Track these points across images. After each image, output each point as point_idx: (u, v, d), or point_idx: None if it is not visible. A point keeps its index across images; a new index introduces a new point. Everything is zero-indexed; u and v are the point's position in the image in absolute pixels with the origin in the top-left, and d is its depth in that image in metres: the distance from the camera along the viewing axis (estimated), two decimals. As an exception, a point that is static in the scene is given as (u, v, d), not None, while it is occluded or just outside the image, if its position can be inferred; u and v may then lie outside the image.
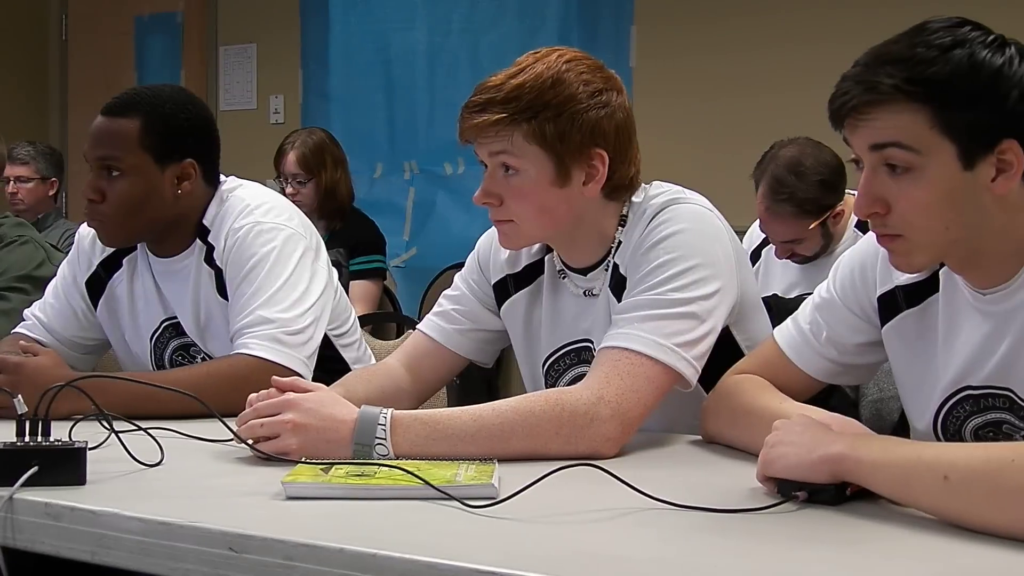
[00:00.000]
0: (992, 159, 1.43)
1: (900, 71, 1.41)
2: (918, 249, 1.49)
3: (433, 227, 5.85)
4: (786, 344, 1.78)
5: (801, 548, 1.22)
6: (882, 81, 1.42)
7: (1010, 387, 1.54)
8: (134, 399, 1.89)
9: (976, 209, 1.45)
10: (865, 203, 1.47)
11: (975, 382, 1.56)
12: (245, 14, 6.40)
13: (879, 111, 1.43)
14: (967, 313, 1.56)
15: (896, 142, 1.43)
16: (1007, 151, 1.42)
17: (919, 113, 1.41)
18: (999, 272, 1.51)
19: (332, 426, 1.60)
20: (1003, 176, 1.43)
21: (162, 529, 1.27)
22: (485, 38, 5.71)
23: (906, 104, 1.41)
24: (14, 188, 5.17)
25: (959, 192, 1.43)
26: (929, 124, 1.41)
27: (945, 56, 1.41)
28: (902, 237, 1.48)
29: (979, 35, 1.43)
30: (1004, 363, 1.53)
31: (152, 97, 2.25)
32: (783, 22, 4.97)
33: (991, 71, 1.41)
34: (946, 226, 1.45)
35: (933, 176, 1.43)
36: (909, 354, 1.65)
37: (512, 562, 1.10)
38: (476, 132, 1.82)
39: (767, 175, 3.24)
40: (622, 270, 1.86)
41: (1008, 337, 1.52)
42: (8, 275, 2.69)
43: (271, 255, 2.21)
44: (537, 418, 1.63)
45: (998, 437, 1.57)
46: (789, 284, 3.46)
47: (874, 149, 1.45)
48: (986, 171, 1.43)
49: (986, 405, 1.57)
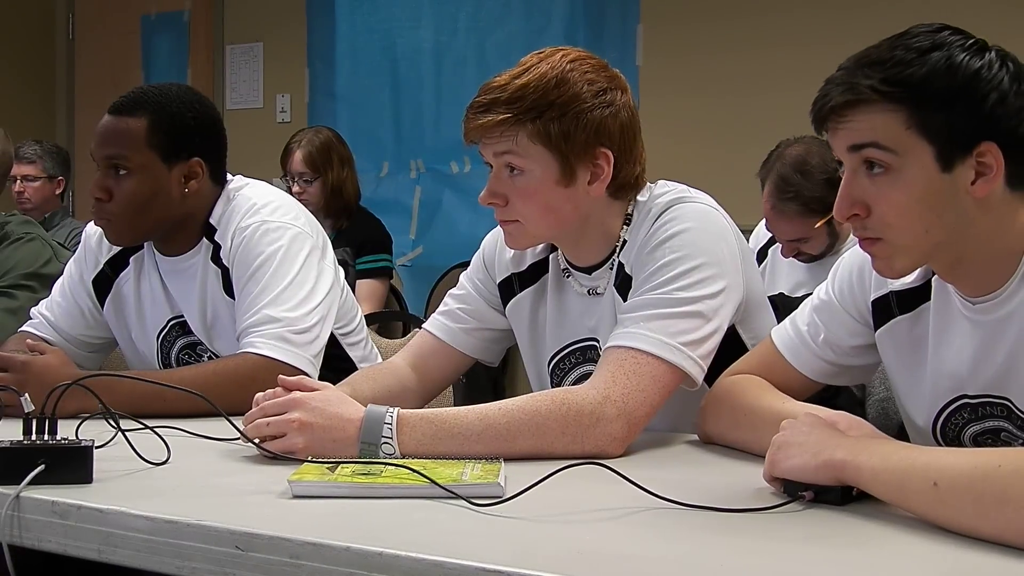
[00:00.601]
0: (971, 161, 1.43)
1: (878, 72, 1.43)
2: (898, 252, 1.49)
3: (439, 226, 5.85)
4: (783, 345, 1.78)
5: (807, 548, 1.22)
6: (860, 83, 1.44)
7: (1007, 396, 1.53)
8: (141, 398, 1.90)
9: (957, 212, 1.45)
10: (844, 205, 1.48)
11: (972, 391, 1.56)
12: (252, 13, 6.40)
13: (857, 112, 1.45)
14: (958, 322, 1.56)
15: (874, 142, 1.44)
16: (985, 153, 1.43)
17: (896, 114, 1.43)
18: (988, 280, 1.51)
19: (338, 425, 1.60)
20: (982, 179, 1.44)
21: (169, 527, 1.27)
22: (491, 37, 5.71)
23: (883, 105, 1.43)
24: (21, 187, 5.18)
25: (938, 194, 1.44)
26: (905, 125, 1.43)
27: (922, 59, 1.42)
28: (882, 240, 1.48)
29: (958, 39, 1.44)
30: (1000, 373, 1.52)
31: (159, 96, 2.25)
32: (789, 21, 4.97)
33: (968, 74, 1.42)
34: (926, 229, 1.45)
35: (910, 177, 1.44)
36: (902, 360, 1.65)
37: (518, 561, 1.10)
38: (481, 132, 1.82)
39: (773, 174, 3.24)
40: (627, 269, 1.86)
41: (1003, 347, 1.51)
42: (15, 273, 2.69)
43: (278, 254, 2.21)
44: (543, 417, 1.63)
45: (996, 444, 1.56)
46: (796, 283, 3.46)
47: (853, 150, 1.47)
48: (965, 174, 1.43)
49: (984, 413, 1.57)
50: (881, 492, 1.29)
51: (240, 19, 6.45)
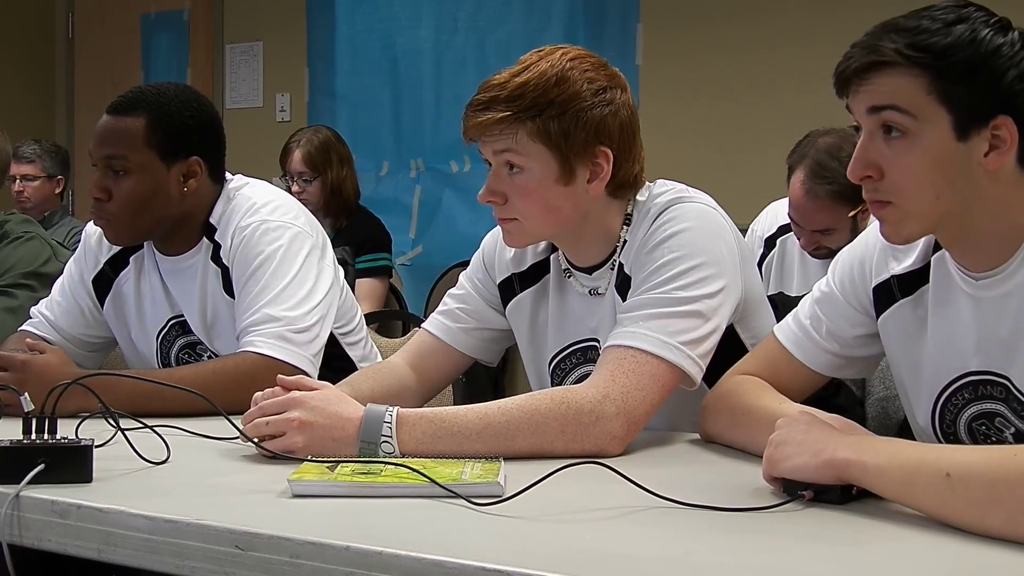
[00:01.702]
0: (986, 133, 1.46)
1: (903, 37, 1.46)
2: (908, 217, 1.51)
3: (439, 225, 5.85)
4: (787, 340, 1.78)
5: (807, 547, 1.22)
6: (884, 46, 1.47)
7: (1007, 375, 1.54)
8: (140, 397, 1.90)
9: (968, 182, 1.47)
10: (859, 167, 1.51)
11: (974, 368, 1.57)
12: (251, 12, 6.40)
13: (879, 75, 1.47)
14: (960, 299, 1.58)
15: (894, 105, 1.47)
16: (1001, 127, 1.46)
17: (918, 79, 1.45)
18: (992, 253, 1.53)
19: (338, 424, 1.60)
20: (995, 152, 1.46)
21: (168, 527, 1.27)
22: (491, 36, 5.71)
23: (906, 69, 1.46)
24: (20, 187, 5.19)
25: (951, 162, 1.46)
26: (927, 90, 1.45)
27: (948, 28, 1.46)
28: (892, 204, 1.51)
29: (983, 15, 1.48)
30: (1002, 349, 1.54)
31: (157, 95, 2.25)
32: (789, 22, 4.97)
33: (990, 48, 1.45)
34: (936, 195, 1.48)
35: (927, 143, 1.46)
36: (904, 343, 1.67)
37: (518, 560, 1.10)
38: (480, 130, 1.82)
39: (807, 160, 3.19)
40: (627, 269, 1.86)
41: (1005, 323, 1.52)
42: (14, 272, 2.69)
43: (277, 253, 2.21)
44: (543, 416, 1.63)
45: (990, 431, 1.58)
46: (805, 276, 3.41)
47: (872, 112, 1.49)
48: (979, 145, 1.46)
49: (983, 393, 1.57)
50: (887, 489, 1.29)
51: (240, 18, 6.45)
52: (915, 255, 1.64)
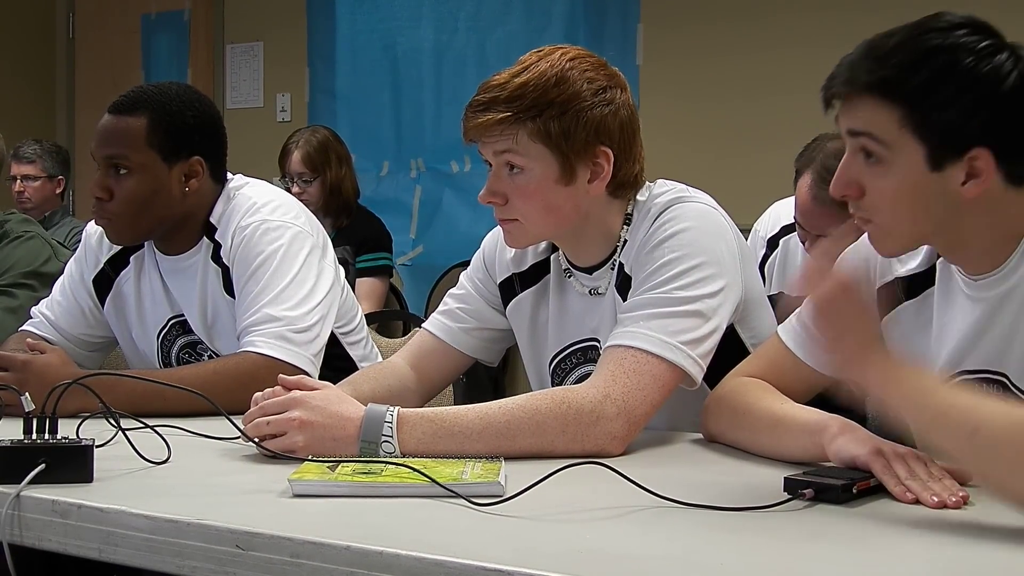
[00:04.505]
0: (962, 164, 1.44)
1: (879, 69, 1.45)
2: (888, 236, 1.53)
3: (439, 225, 5.85)
4: (791, 340, 1.78)
5: (808, 546, 1.22)
6: (860, 77, 1.46)
7: (1004, 372, 1.54)
8: (141, 397, 1.90)
9: (948, 208, 1.47)
10: (840, 184, 1.52)
11: (970, 366, 1.57)
12: (252, 12, 6.40)
13: (856, 102, 1.48)
14: (960, 300, 1.58)
15: (868, 132, 1.47)
16: (978, 158, 1.44)
17: (891, 111, 1.45)
18: (988, 260, 1.53)
19: (338, 424, 1.60)
20: (973, 181, 1.45)
21: (169, 527, 1.27)
22: (491, 36, 5.71)
23: (880, 100, 1.45)
24: (21, 186, 5.19)
25: (926, 191, 1.46)
26: (899, 124, 1.44)
27: (925, 60, 1.43)
28: (873, 223, 1.52)
29: (973, 40, 1.43)
30: (998, 347, 1.54)
31: (159, 95, 2.25)
32: (789, 23, 4.96)
33: (969, 80, 1.42)
34: (913, 220, 1.49)
35: (901, 173, 1.46)
36: (906, 344, 1.66)
37: (519, 560, 1.10)
38: (480, 131, 1.82)
39: (816, 164, 3.17)
40: (627, 269, 1.86)
41: (1002, 321, 1.53)
42: (14, 271, 2.69)
43: (278, 253, 2.21)
44: (543, 416, 1.63)
45: None
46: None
47: (850, 135, 1.50)
48: (955, 175, 1.45)
49: (982, 391, 1.57)
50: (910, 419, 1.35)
51: (240, 18, 6.45)
52: (920, 257, 1.64)
